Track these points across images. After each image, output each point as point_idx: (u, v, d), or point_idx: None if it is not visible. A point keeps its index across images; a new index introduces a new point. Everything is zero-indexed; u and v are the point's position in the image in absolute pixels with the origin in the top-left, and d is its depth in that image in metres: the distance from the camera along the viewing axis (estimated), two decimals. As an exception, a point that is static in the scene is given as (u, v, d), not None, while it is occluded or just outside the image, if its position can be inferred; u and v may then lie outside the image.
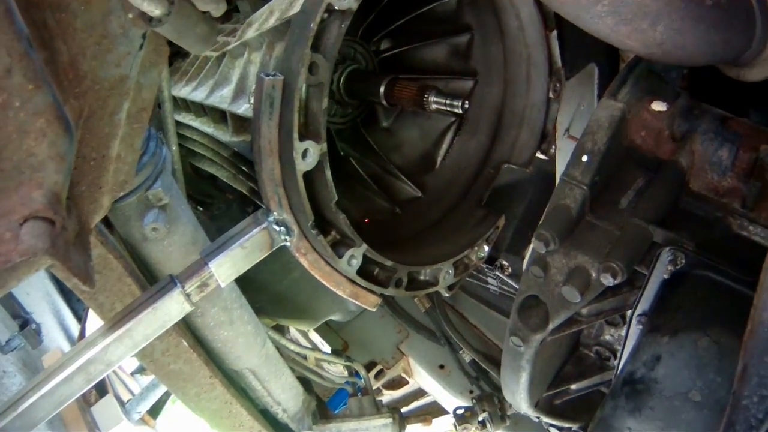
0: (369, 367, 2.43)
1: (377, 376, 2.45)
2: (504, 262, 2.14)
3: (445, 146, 1.96)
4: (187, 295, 1.24)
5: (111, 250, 1.34)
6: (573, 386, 1.52)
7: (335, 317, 2.47)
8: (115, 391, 4.18)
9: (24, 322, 3.81)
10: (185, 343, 1.50)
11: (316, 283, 2.07)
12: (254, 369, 1.69)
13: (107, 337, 1.22)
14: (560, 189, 1.28)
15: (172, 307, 1.24)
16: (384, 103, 1.73)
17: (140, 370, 5.16)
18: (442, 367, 2.48)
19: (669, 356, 1.13)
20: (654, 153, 1.32)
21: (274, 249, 1.33)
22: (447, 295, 1.71)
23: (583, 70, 1.95)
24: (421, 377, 2.55)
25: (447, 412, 2.76)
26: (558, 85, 1.77)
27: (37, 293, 4.49)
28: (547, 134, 1.83)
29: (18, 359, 3.71)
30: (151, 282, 1.44)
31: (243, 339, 1.59)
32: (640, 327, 1.27)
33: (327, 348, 2.59)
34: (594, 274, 1.20)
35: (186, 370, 1.59)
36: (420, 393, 2.76)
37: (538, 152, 1.84)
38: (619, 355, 1.36)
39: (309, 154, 1.25)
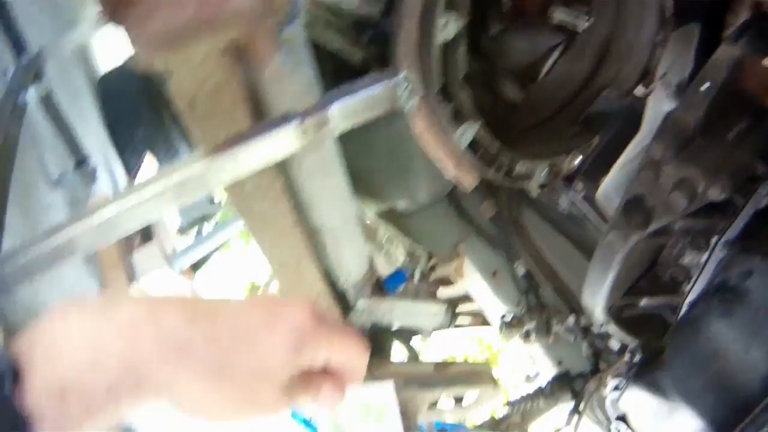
0: (425, 260, 2.50)
1: (431, 269, 2.52)
2: (580, 184, 2.19)
3: (549, 63, 2.02)
4: (302, 132, 1.30)
5: (231, 74, 1.36)
6: (643, 302, 1.59)
7: (401, 204, 2.55)
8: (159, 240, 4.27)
9: (81, 159, 3.88)
10: (278, 183, 1.57)
11: (394, 165, 2.14)
12: (333, 228, 1.76)
13: (211, 159, 1.29)
14: (682, 107, 1.35)
15: (285, 141, 1.31)
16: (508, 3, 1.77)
17: (184, 230, 5.30)
18: (494, 273, 2.54)
19: (760, 273, 1.21)
20: (761, 102, 1.39)
21: (395, 105, 1.38)
22: (535, 194, 1.77)
23: (686, 27, 2.00)
24: (471, 280, 2.62)
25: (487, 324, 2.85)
26: (665, 32, 1.82)
27: (92, 138, 4.53)
28: (649, 73, 1.89)
29: (67, 196, 3.76)
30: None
31: (332, 195, 1.65)
32: (723, 254, 1.34)
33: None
34: (701, 189, 1.27)
35: (270, 213, 1.67)
36: (464, 300, 2.84)
37: (638, 87, 1.90)
38: (693, 280, 1.43)
39: (450, 26, 1.30)
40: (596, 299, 1.51)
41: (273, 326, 0.82)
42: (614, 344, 1.69)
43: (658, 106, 1.44)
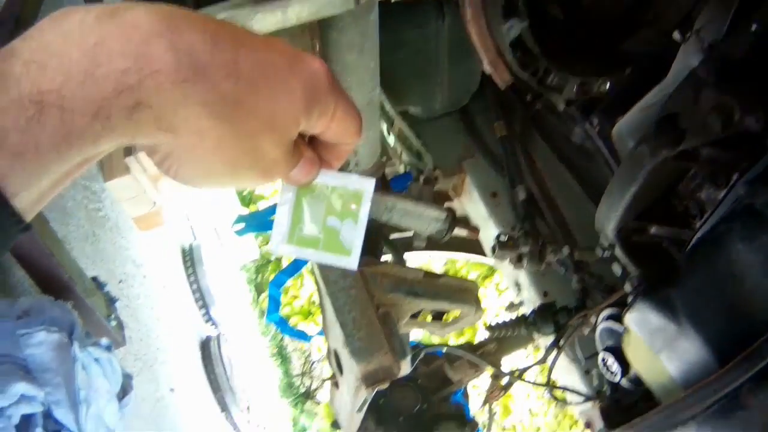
0: (428, 169, 2.55)
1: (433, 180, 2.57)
2: (596, 119, 2.23)
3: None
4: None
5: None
6: (653, 229, 1.64)
7: (416, 109, 2.60)
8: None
9: None
10: (314, 49, 1.61)
11: (418, 67, 2.17)
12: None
13: (258, 5, 1.31)
14: (730, 40, 1.39)
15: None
16: None
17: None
18: (494, 195, 2.60)
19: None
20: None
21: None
22: (561, 108, 1.82)
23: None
24: (469, 199, 2.68)
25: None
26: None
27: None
28: (690, 21, 1.93)
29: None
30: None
31: (362, 72, 1.69)
32: (741, 193, 1.39)
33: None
34: (737, 116, 1.32)
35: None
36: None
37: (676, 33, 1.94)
38: (706, 215, 1.48)
39: None
40: (611, 214, 1.55)
41: (295, 69, 0.76)
42: (616, 269, 1.74)
43: (687, 59, 1.47)
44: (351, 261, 0.92)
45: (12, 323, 2.57)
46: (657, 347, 1.49)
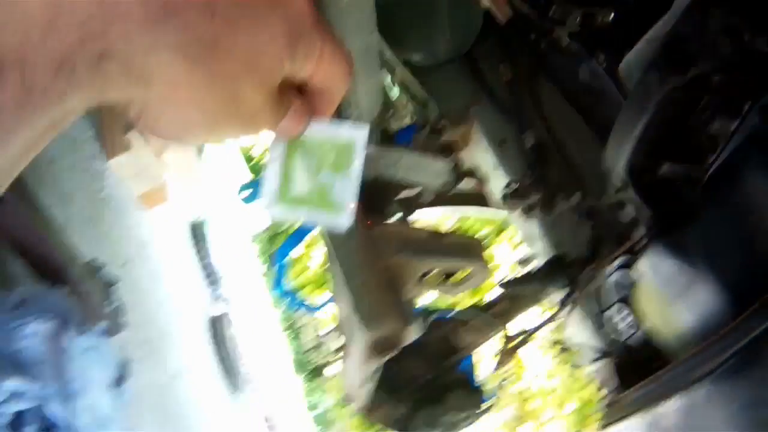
0: (435, 119, 2.52)
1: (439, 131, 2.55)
2: (602, 55, 2.20)
3: None
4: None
5: None
6: (664, 167, 1.62)
7: (418, 56, 2.57)
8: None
9: None
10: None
11: (418, 11, 2.14)
12: (352, 54, 1.76)
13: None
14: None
15: None
16: None
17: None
18: (503, 142, 2.57)
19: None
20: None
21: None
22: (565, 42, 1.79)
23: None
24: (477, 147, 2.65)
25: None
26: None
27: None
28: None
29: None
30: None
31: (357, 15, 1.66)
32: (756, 119, 1.37)
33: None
34: (747, 37, 1.29)
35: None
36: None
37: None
38: (719, 149, 1.46)
39: None
40: (621, 149, 1.53)
41: (276, 4, 0.70)
42: (629, 212, 1.72)
43: None
44: (344, 218, 0.88)
45: (6, 316, 2.56)
46: (671, 295, 1.47)
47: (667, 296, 1.49)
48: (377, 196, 2.14)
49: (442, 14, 2.34)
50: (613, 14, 1.79)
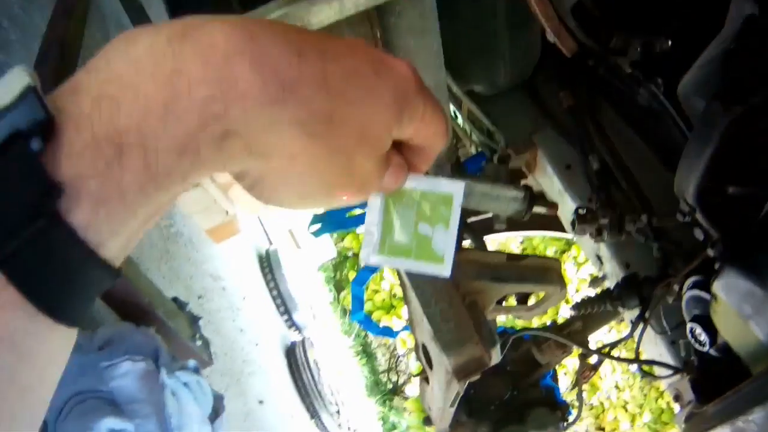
0: (502, 148, 2.56)
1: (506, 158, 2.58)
2: (659, 80, 2.22)
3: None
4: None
5: None
6: (731, 189, 1.64)
7: (480, 87, 2.62)
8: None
9: None
10: (374, 37, 1.63)
11: (478, 42, 2.19)
12: None
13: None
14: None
15: None
16: None
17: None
18: (568, 167, 2.61)
19: None
20: None
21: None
22: (628, 71, 1.82)
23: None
24: (543, 174, 2.68)
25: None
26: None
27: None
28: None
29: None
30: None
31: (426, 55, 1.70)
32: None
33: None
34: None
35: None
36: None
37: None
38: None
39: None
40: (691, 177, 1.56)
41: (382, 75, 0.71)
42: (698, 234, 1.74)
43: (741, 9, 1.47)
44: (444, 268, 0.90)
45: (94, 356, 2.60)
46: (746, 313, 1.49)
47: (743, 314, 1.51)
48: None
49: (502, 44, 2.40)
50: (670, 42, 1.83)
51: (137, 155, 0.58)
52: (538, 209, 2.19)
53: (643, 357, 2.67)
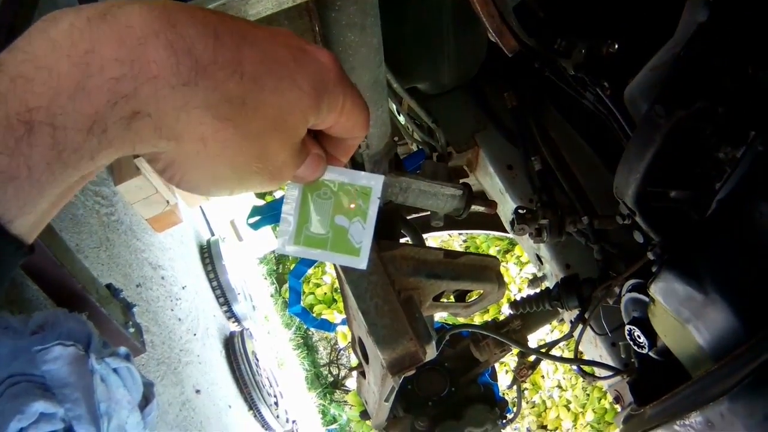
0: (442, 146, 2.53)
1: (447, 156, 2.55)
2: (606, 83, 2.20)
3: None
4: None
5: None
6: (673, 193, 1.63)
7: (424, 85, 2.58)
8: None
9: None
10: (313, 31, 1.58)
11: (423, 40, 2.15)
12: (360, 88, 1.75)
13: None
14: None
15: None
16: None
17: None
18: (510, 167, 2.59)
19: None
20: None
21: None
22: (571, 73, 1.80)
23: None
24: (484, 173, 2.66)
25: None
26: None
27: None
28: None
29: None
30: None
31: (365, 50, 1.66)
32: (761, 147, 1.37)
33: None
34: (751, 71, 1.31)
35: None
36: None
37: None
38: (726, 176, 1.46)
39: None
40: (630, 179, 1.53)
41: (301, 63, 0.72)
42: (637, 237, 1.72)
43: (693, 15, 1.45)
44: (360, 261, 0.90)
45: (27, 340, 2.57)
46: (684, 317, 1.47)
47: (681, 318, 1.49)
48: (387, 221, 2.13)
49: (448, 43, 2.37)
50: (617, 45, 1.80)
51: (46, 133, 0.58)
52: (477, 207, 2.17)
53: (583, 358, 2.67)
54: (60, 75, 0.59)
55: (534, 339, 2.92)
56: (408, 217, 2.57)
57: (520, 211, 2.31)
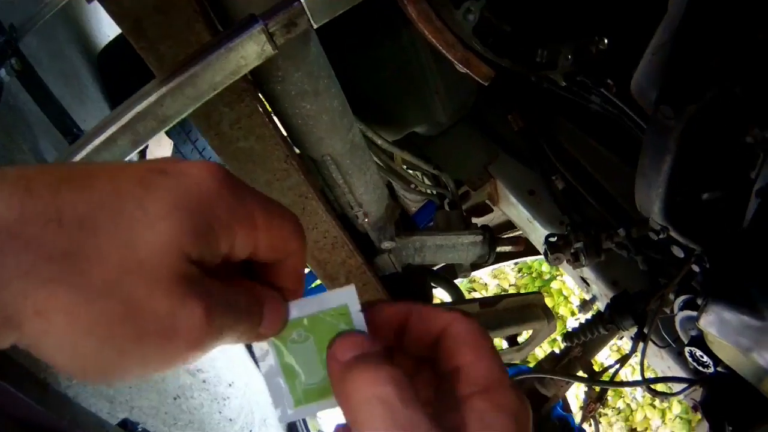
0: (452, 190, 2.33)
1: (462, 198, 2.34)
2: (609, 81, 1.98)
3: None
4: (270, 35, 1.09)
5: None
6: (705, 195, 1.40)
7: (420, 129, 2.37)
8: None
9: (74, 138, 3.84)
10: (260, 110, 1.38)
11: (407, 84, 1.95)
12: (336, 157, 1.56)
13: (164, 86, 1.09)
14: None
15: (250, 49, 1.10)
16: None
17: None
18: (532, 192, 2.37)
19: None
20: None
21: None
22: (563, 84, 1.58)
23: None
24: (507, 204, 2.46)
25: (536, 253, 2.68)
26: None
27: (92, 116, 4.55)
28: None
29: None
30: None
31: (328, 117, 1.47)
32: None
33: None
34: (760, 36, 1.07)
35: (258, 150, 1.46)
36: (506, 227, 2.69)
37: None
38: (759, 163, 1.24)
39: None
40: (652, 194, 1.31)
41: (152, 187, 0.56)
42: (676, 252, 1.50)
43: None
44: None
45: None
46: (745, 347, 1.25)
47: (740, 347, 1.27)
48: (412, 286, 1.94)
49: (431, 79, 2.14)
50: (607, 40, 1.57)
51: None
52: (503, 248, 1.97)
53: (650, 373, 2.45)
54: None
55: (600, 359, 2.70)
56: (434, 268, 2.38)
57: (551, 239, 2.10)
